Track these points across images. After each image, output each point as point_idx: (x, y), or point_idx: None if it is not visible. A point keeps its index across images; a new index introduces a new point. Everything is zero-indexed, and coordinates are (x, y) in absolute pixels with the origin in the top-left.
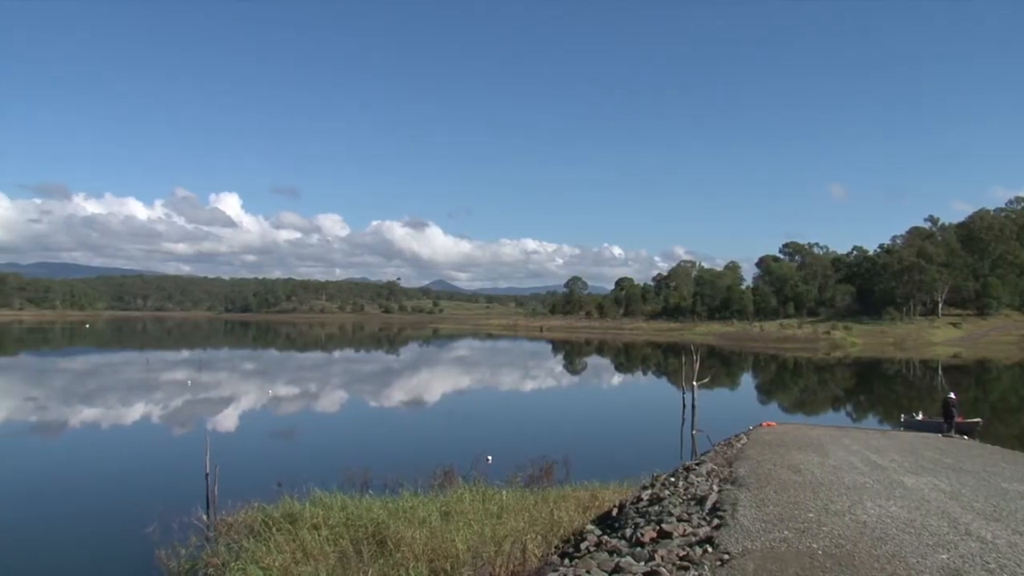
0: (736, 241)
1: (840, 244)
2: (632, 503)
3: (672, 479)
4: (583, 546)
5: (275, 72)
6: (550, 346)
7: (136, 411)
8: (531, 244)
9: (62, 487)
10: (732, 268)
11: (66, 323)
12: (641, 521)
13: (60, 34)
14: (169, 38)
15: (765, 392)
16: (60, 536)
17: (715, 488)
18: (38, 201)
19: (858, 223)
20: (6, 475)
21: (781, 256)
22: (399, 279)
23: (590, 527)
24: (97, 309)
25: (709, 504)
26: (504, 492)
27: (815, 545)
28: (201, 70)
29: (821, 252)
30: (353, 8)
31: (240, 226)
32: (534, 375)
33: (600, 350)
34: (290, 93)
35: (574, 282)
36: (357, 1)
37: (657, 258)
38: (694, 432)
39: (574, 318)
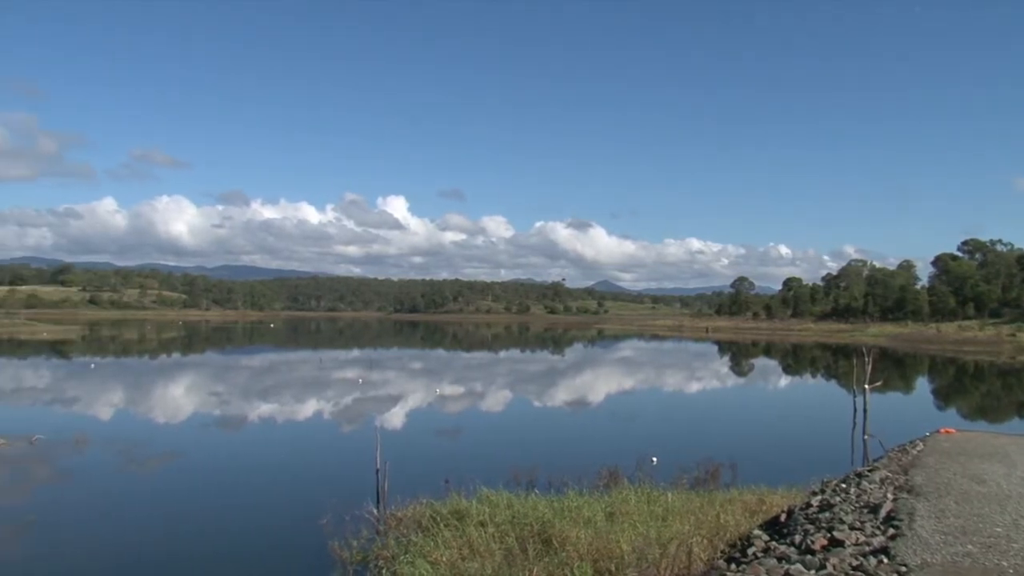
0: (910, 239)
1: None
2: (801, 509)
3: (843, 485)
4: (750, 551)
5: (440, 78)
6: (716, 347)
7: (310, 408)
8: (696, 244)
9: (243, 478)
10: (906, 267)
11: (247, 322)
12: (811, 528)
13: (238, 50)
14: (337, 50)
15: (942, 397)
16: (241, 524)
17: (890, 496)
18: (220, 208)
19: None
20: (193, 465)
21: (960, 254)
22: (564, 280)
23: (757, 532)
24: (274, 309)
25: (883, 512)
26: (669, 494)
27: (1004, 563)
28: (368, 79)
29: (1005, 249)
30: (513, 12)
31: (407, 228)
32: (699, 376)
33: (767, 351)
34: (454, 98)
35: (740, 282)
36: (516, 4)
37: (826, 257)
38: (866, 437)
39: (740, 319)
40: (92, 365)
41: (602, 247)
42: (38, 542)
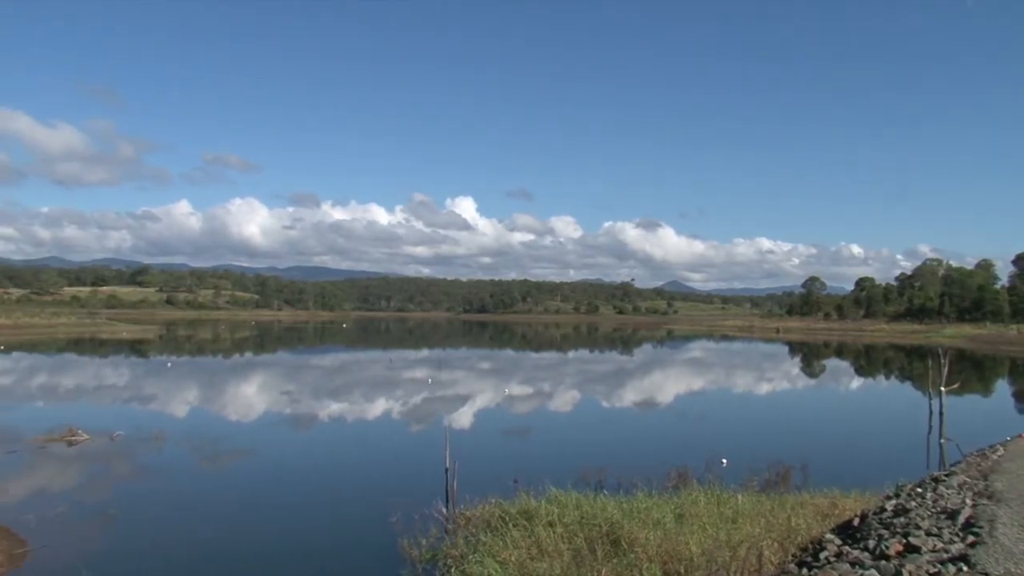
0: (988, 238)
1: None
2: (875, 513)
3: (919, 490)
4: (822, 556)
5: (509, 80)
6: (786, 348)
7: (380, 407)
8: (766, 244)
9: (314, 476)
10: (984, 266)
11: (317, 323)
12: (885, 533)
13: (308, 56)
14: (405, 54)
15: None
16: (313, 520)
17: (969, 502)
18: (291, 209)
19: None
20: (265, 463)
21: None
22: (633, 280)
23: (829, 536)
24: (344, 310)
25: (962, 519)
26: (739, 496)
27: None
28: (436, 82)
29: None
30: (582, 16)
31: (475, 229)
32: (769, 377)
33: (839, 352)
34: (521, 99)
35: (812, 282)
36: (585, 8)
37: (900, 256)
38: (942, 441)
39: (811, 319)
40: (169, 364)
41: (671, 247)
42: (119, 535)
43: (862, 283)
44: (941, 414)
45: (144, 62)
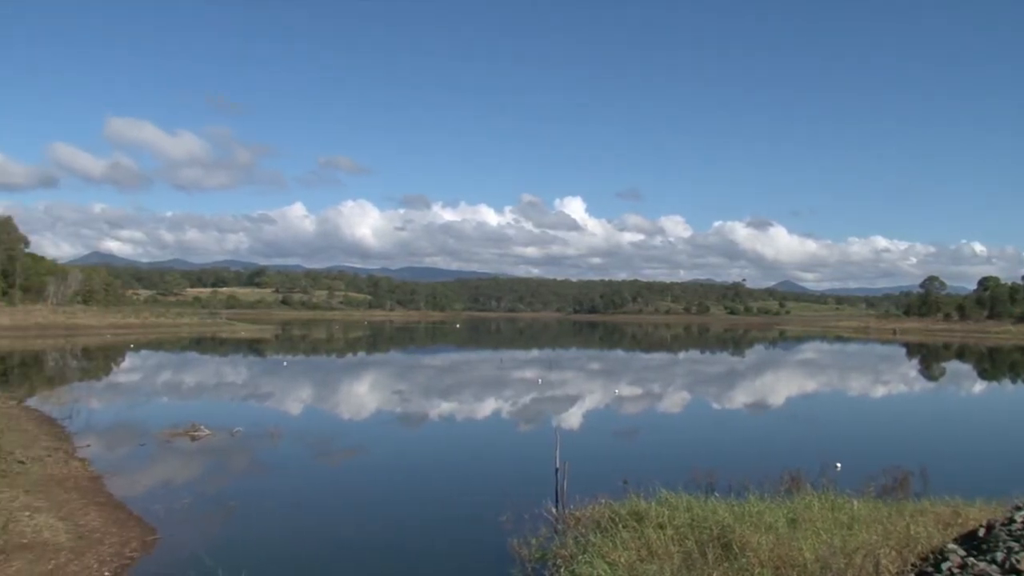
0: None
1: None
2: (1003, 524)
3: None
4: (944, 567)
5: (617, 81)
6: (904, 350)
7: (490, 406)
8: (882, 242)
9: (425, 474)
10: None
11: (429, 323)
12: (1015, 545)
13: (416, 60)
14: (512, 55)
15: None
16: (423, 518)
17: None
18: (402, 211)
19: None
20: (377, 460)
21: None
22: (744, 280)
23: (952, 546)
24: (455, 310)
25: None
26: (855, 502)
27: None
28: (543, 83)
29: None
30: (690, 15)
31: (585, 229)
32: (885, 380)
33: (960, 355)
34: (630, 100)
35: (930, 282)
36: (694, 7)
37: None
38: None
39: (930, 320)
40: (285, 363)
41: (783, 246)
42: (239, 526)
43: (986, 282)
44: None
45: (259, 70)
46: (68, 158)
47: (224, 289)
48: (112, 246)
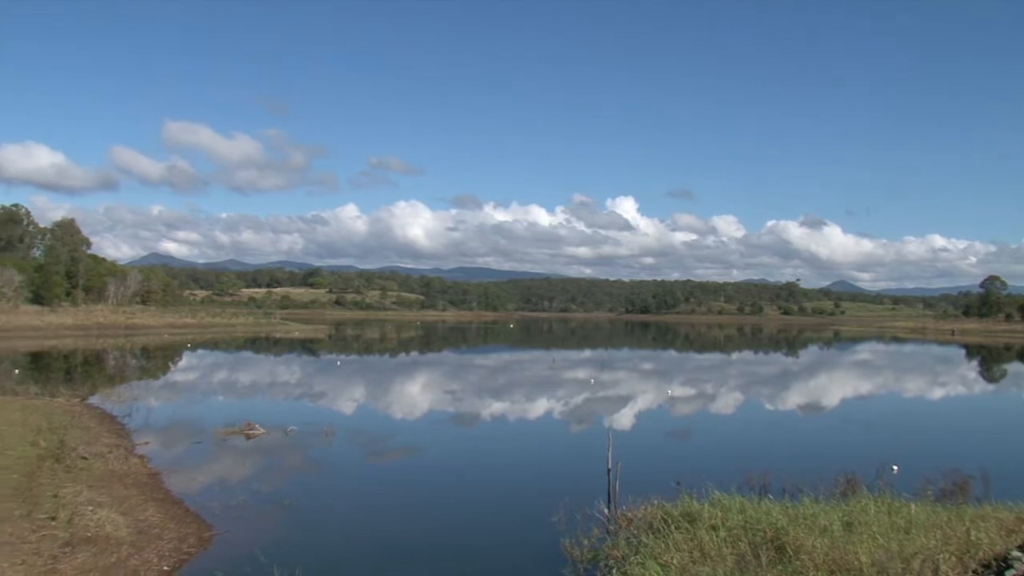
0: None
1: None
2: None
3: None
4: (1008, 574)
5: (667, 79)
6: (963, 351)
7: (542, 406)
8: (939, 241)
9: (477, 473)
10: None
11: (481, 323)
12: None
13: (466, 59)
14: (564, 55)
15: None
16: (476, 517)
17: None
18: (454, 211)
19: None
20: (430, 459)
21: None
22: (798, 280)
23: (1016, 553)
24: (507, 310)
25: None
26: (912, 505)
27: None
28: (596, 83)
29: None
30: (739, 12)
31: (637, 229)
32: (943, 382)
33: (1022, 356)
34: (680, 99)
35: (991, 282)
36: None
37: None
38: None
39: (991, 321)
40: (338, 362)
41: (837, 246)
42: (294, 524)
43: None
44: None
45: (311, 72)
46: (128, 161)
47: (278, 289)
48: (169, 247)
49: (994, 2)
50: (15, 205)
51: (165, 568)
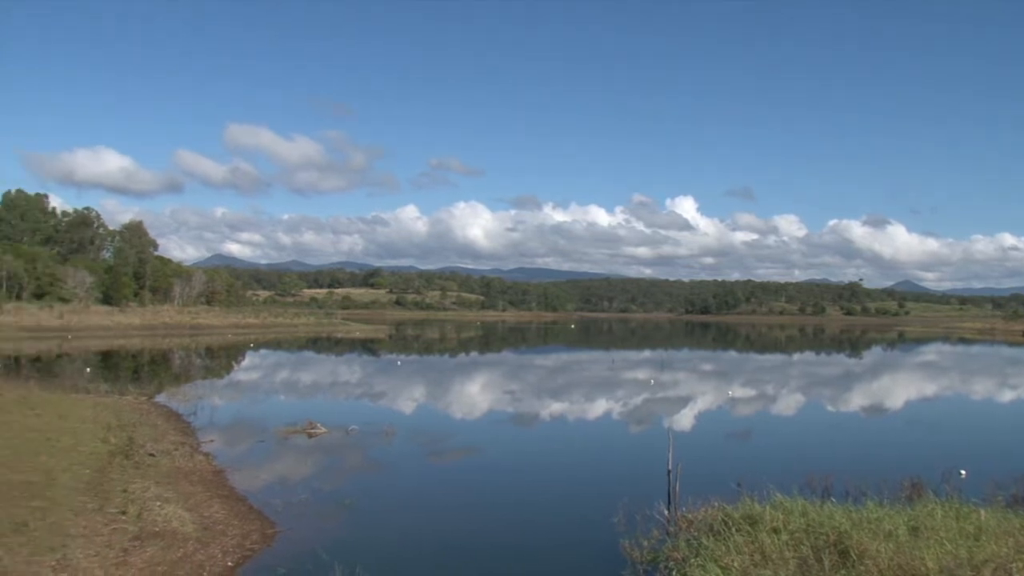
0: None
1: None
2: None
3: None
4: None
5: (728, 79)
6: None
7: (601, 407)
8: (1009, 240)
9: (537, 474)
10: None
11: (541, 323)
12: None
13: (527, 60)
14: (624, 55)
15: None
16: (535, 517)
17: None
18: (513, 212)
19: None
20: (489, 460)
21: None
22: (861, 280)
23: None
24: (567, 310)
25: None
26: (982, 511)
27: None
28: (657, 83)
29: None
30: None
31: (697, 229)
32: (1013, 384)
33: None
34: (740, 98)
35: None
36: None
37: None
38: None
39: None
40: (399, 362)
41: (901, 245)
42: (355, 523)
43: None
44: None
45: (370, 74)
46: (192, 164)
47: (339, 290)
48: (233, 248)
49: None
50: (86, 208)
51: (230, 563)
